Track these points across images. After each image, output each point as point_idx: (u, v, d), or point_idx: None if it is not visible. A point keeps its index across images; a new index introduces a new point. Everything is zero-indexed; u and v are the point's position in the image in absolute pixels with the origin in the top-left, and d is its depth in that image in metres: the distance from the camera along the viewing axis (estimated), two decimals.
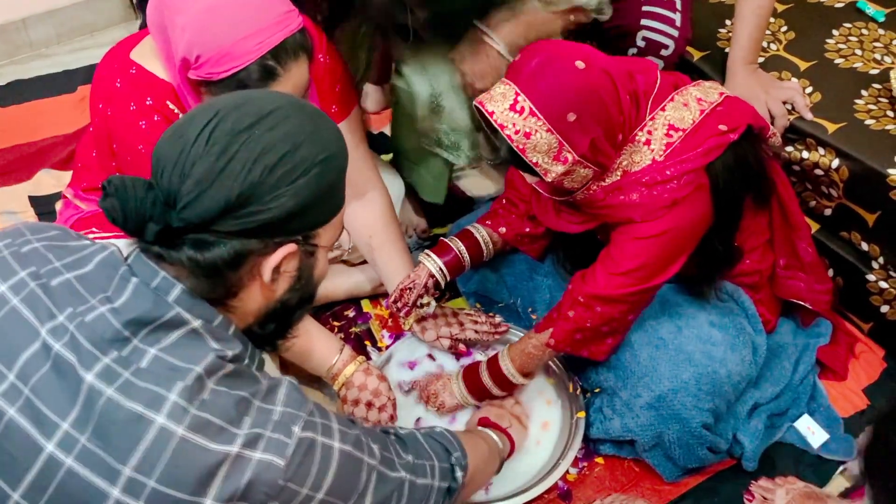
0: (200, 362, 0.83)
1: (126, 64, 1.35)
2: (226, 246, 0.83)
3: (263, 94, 0.90)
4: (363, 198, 1.64)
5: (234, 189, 0.81)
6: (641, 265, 1.31)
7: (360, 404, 1.50)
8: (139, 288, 0.84)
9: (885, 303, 1.62)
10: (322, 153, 0.87)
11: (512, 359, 1.46)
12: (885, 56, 1.75)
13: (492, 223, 1.57)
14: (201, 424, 0.80)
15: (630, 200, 1.30)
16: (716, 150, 1.29)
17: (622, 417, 1.43)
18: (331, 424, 0.91)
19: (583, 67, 1.18)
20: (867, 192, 1.57)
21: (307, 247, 0.89)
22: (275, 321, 0.94)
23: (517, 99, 1.19)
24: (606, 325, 1.36)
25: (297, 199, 0.84)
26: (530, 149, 1.20)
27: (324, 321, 1.78)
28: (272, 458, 0.82)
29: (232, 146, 0.82)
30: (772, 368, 1.55)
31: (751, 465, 1.48)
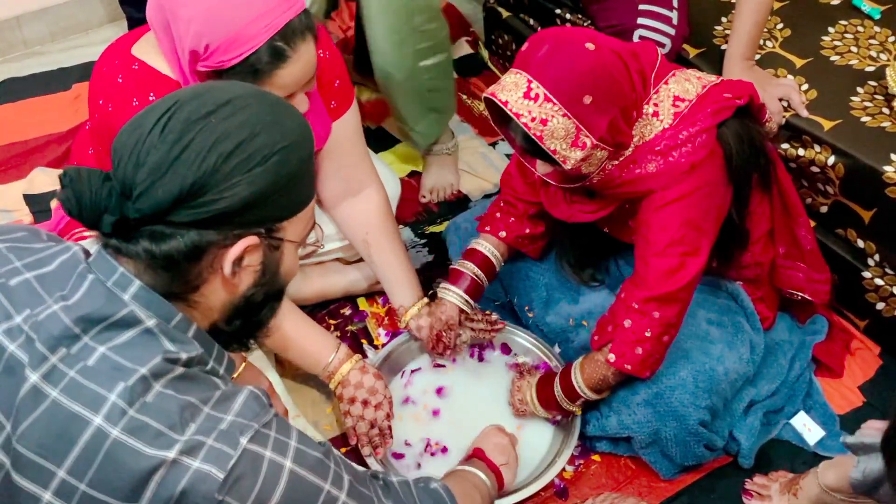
0: (147, 363, 0.80)
1: (128, 60, 1.35)
2: (182, 237, 0.81)
3: (226, 85, 0.88)
4: (359, 194, 1.63)
5: (188, 178, 0.79)
6: (675, 236, 1.27)
7: (356, 402, 1.50)
8: (93, 285, 0.82)
9: (880, 300, 1.62)
10: (281, 142, 0.84)
11: (585, 380, 1.39)
12: (880, 53, 1.75)
13: (491, 228, 1.55)
14: (138, 427, 0.77)
15: (647, 172, 1.28)
16: (725, 111, 1.27)
17: (619, 414, 1.43)
18: (287, 441, 0.86)
19: (593, 49, 1.17)
20: (863, 189, 1.57)
21: (271, 240, 0.87)
22: (241, 318, 0.91)
23: (530, 86, 1.17)
24: (666, 332, 1.31)
25: (253, 188, 0.81)
26: (548, 136, 1.18)
27: (320, 319, 1.77)
28: (210, 468, 0.78)
29: (187, 134, 0.80)
30: (768, 365, 1.55)
31: (747, 462, 1.48)
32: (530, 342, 1.64)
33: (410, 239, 1.96)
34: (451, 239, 1.77)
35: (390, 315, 1.79)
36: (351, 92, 1.56)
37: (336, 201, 1.64)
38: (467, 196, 2.09)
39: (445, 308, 1.53)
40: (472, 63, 2.52)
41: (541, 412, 1.49)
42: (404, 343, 1.66)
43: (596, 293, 1.63)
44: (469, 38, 2.60)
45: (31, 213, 2.03)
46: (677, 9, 1.68)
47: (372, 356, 1.67)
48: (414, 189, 2.11)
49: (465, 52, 2.56)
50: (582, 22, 2.01)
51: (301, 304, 1.73)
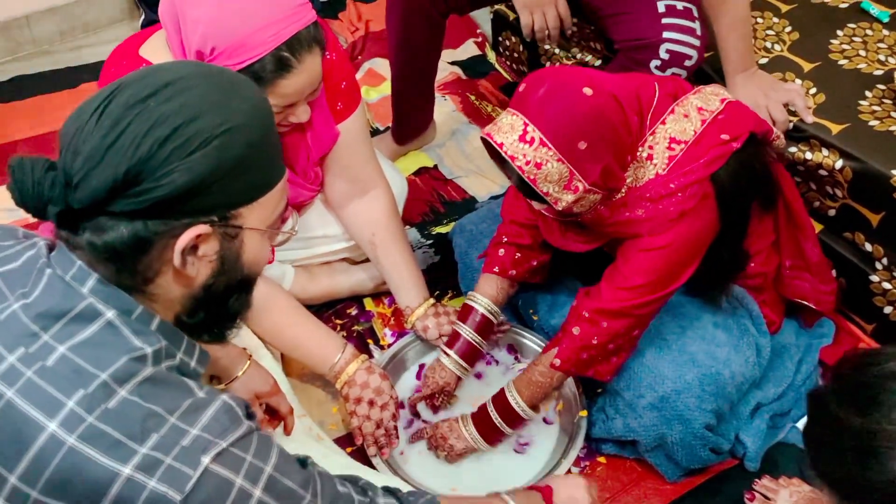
0: (109, 367, 0.77)
1: (136, 60, 1.35)
2: (124, 228, 0.77)
3: (174, 65, 0.84)
4: (366, 195, 1.64)
5: (122, 165, 0.75)
6: (648, 280, 1.30)
7: (363, 402, 1.50)
8: (51, 280, 0.80)
9: (888, 304, 1.62)
10: (224, 124, 0.78)
11: (519, 390, 1.43)
12: (889, 57, 1.75)
13: (500, 269, 1.52)
14: (95, 435, 0.74)
15: (636, 216, 1.30)
16: (719, 159, 1.28)
17: (625, 417, 1.43)
18: (262, 466, 0.80)
19: (591, 94, 1.17)
20: (871, 192, 1.56)
21: (226, 228, 0.82)
22: (203, 310, 0.86)
23: (526, 129, 1.17)
24: (612, 341, 1.34)
25: (192, 174, 0.77)
26: (541, 179, 1.19)
27: (326, 319, 1.78)
28: (167, 490, 0.74)
29: (123, 120, 0.76)
30: (775, 369, 1.54)
31: (753, 465, 1.48)
32: (536, 343, 1.64)
33: (417, 239, 1.96)
34: (456, 240, 1.77)
35: (396, 315, 1.79)
36: (357, 93, 1.56)
37: (343, 202, 1.64)
38: (474, 197, 2.09)
39: (445, 374, 1.53)
40: (480, 64, 2.53)
41: (483, 444, 1.46)
42: (410, 343, 1.67)
43: None
44: (477, 39, 2.60)
45: None
46: (699, 18, 1.66)
47: (378, 356, 1.68)
48: (421, 189, 2.11)
49: (473, 54, 2.56)
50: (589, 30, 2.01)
51: (307, 304, 1.73)
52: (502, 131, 1.20)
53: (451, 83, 2.45)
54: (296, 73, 1.26)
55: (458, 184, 2.13)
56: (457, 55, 2.56)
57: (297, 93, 1.30)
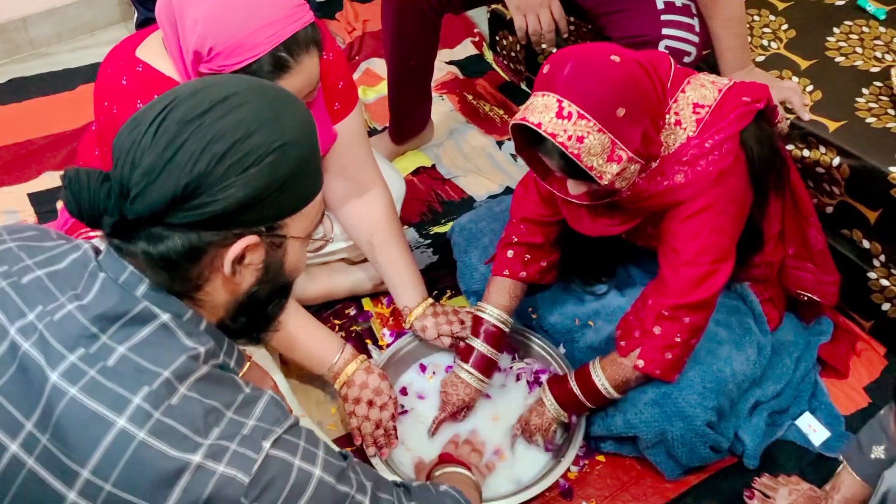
0: (170, 365, 0.80)
1: (132, 62, 1.35)
2: (179, 238, 0.80)
3: (226, 80, 0.86)
4: (364, 195, 1.64)
5: (181, 180, 0.78)
6: (703, 244, 1.27)
7: (362, 403, 1.50)
8: (106, 283, 0.83)
9: (886, 300, 1.62)
10: (278, 140, 0.82)
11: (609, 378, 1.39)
12: (885, 54, 1.75)
13: (510, 272, 1.51)
14: (164, 430, 0.78)
15: (675, 183, 1.28)
16: (747, 115, 1.27)
17: (625, 414, 1.43)
18: (316, 451, 0.87)
19: (619, 61, 1.16)
20: (868, 189, 1.57)
21: (273, 238, 0.85)
22: (246, 315, 0.91)
23: (562, 105, 1.15)
24: (694, 336, 1.32)
25: (248, 189, 0.80)
26: (585, 153, 1.16)
27: (325, 320, 1.78)
28: (235, 473, 0.79)
29: (181, 135, 0.79)
30: (774, 366, 1.55)
31: (752, 462, 1.48)
32: (535, 342, 1.64)
33: (415, 239, 1.96)
34: (455, 239, 1.77)
35: (395, 315, 1.79)
36: (354, 93, 1.56)
37: (341, 202, 1.64)
38: (472, 196, 2.09)
39: (468, 390, 1.51)
40: (477, 64, 2.53)
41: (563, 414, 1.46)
42: (409, 343, 1.67)
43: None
44: (474, 38, 2.60)
45: (35, 214, 2.04)
46: (697, 15, 1.66)
47: (377, 356, 1.68)
48: (419, 189, 2.11)
49: (470, 53, 2.57)
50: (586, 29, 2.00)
51: (306, 305, 1.73)
52: (536, 111, 1.17)
53: (449, 83, 2.45)
54: (293, 73, 1.26)
55: (456, 183, 2.13)
56: (454, 55, 2.56)
57: (295, 93, 1.30)
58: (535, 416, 1.47)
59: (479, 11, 2.56)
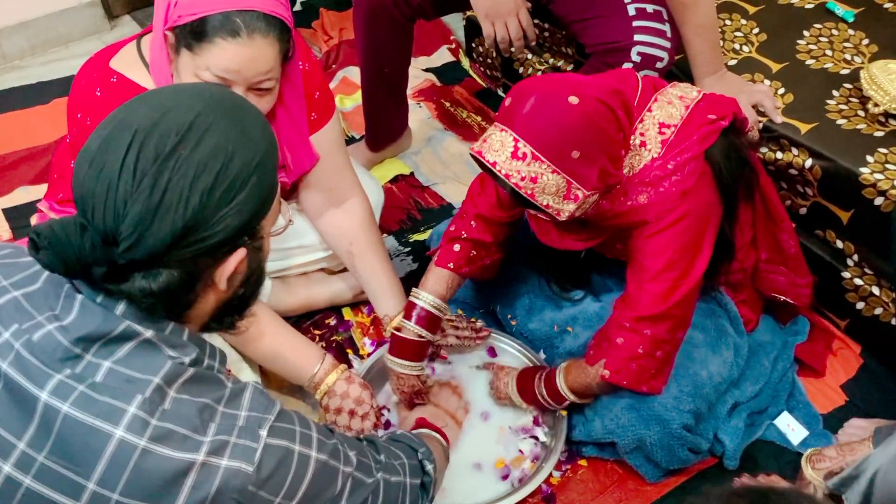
0: (159, 371, 0.81)
1: (106, 73, 1.34)
2: (176, 272, 0.80)
3: (178, 99, 0.82)
4: (342, 205, 1.64)
5: (178, 223, 0.78)
6: (668, 261, 1.29)
7: (343, 413, 1.50)
8: (86, 305, 0.82)
9: (860, 299, 1.64)
10: (255, 157, 0.83)
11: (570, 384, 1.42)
12: (854, 56, 1.77)
13: (454, 266, 1.50)
14: (164, 434, 0.79)
15: (638, 203, 1.29)
16: (711, 135, 1.29)
17: (603, 419, 1.43)
18: (310, 433, 0.91)
19: (577, 102, 1.16)
20: (840, 190, 1.59)
21: (255, 242, 0.88)
22: (231, 313, 0.93)
23: (517, 145, 1.16)
24: (658, 348, 1.34)
25: (241, 215, 0.82)
26: (539, 192, 1.18)
27: (305, 330, 1.77)
28: (240, 464, 0.82)
29: (162, 175, 0.77)
30: (751, 367, 1.56)
31: (732, 463, 1.49)
32: (515, 348, 1.64)
33: (394, 247, 1.96)
34: (434, 247, 1.77)
35: (376, 324, 1.79)
36: (331, 103, 1.56)
37: (319, 212, 1.64)
38: (451, 204, 2.10)
39: (409, 381, 1.52)
40: (454, 71, 2.53)
41: (520, 402, 1.51)
42: None
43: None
44: (451, 45, 2.61)
45: (10, 230, 2.02)
46: (668, 21, 1.68)
47: (357, 366, 1.67)
48: (397, 197, 2.11)
49: (447, 60, 2.57)
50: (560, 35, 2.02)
51: (286, 315, 1.72)
52: (493, 149, 1.19)
53: (426, 90, 2.45)
54: (240, 43, 1.20)
55: (434, 191, 2.14)
56: (431, 62, 2.57)
57: (235, 67, 1.22)
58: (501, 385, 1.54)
59: (454, 18, 2.57)
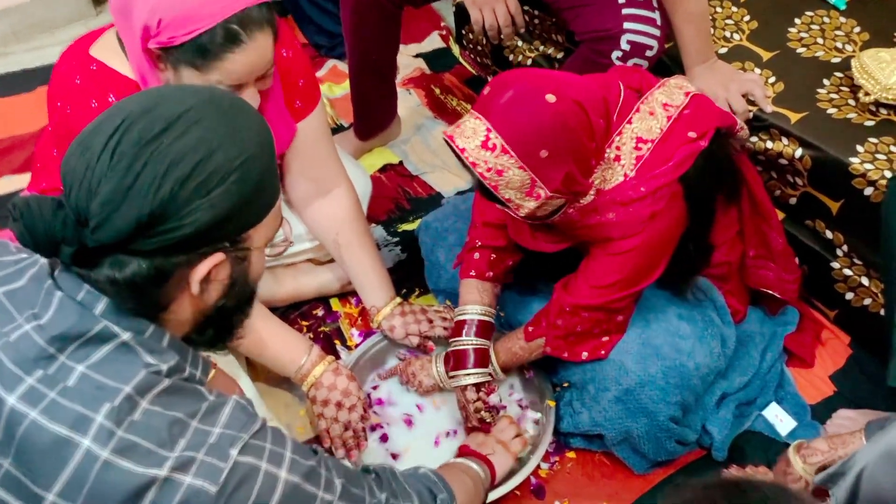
0: (131, 381, 0.79)
1: (86, 60, 1.32)
2: (145, 263, 0.78)
3: (176, 94, 0.83)
4: (328, 195, 1.62)
5: (144, 208, 0.76)
6: (622, 278, 1.32)
7: (330, 405, 1.49)
8: (64, 302, 0.80)
9: (849, 290, 1.64)
10: (240, 156, 0.80)
11: (497, 353, 1.47)
12: (846, 44, 1.76)
13: (476, 273, 1.51)
14: (128, 447, 0.77)
15: (607, 220, 1.30)
16: (687, 159, 1.28)
17: (590, 411, 1.43)
18: (283, 452, 0.86)
19: (554, 101, 1.16)
20: (830, 180, 1.58)
21: (238, 252, 0.84)
22: (212, 326, 0.90)
23: (489, 136, 1.17)
24: (596, 326, 1.37)
25: (214, 210, 0.78)
26: (503, 185, 1.19)
27: (292, 321, 1.76)
28: (202, 483, 0.78)
29: (139, 159, 0.76)
30: (740, 358, 1.56)
31: (720, 454, 1.49)
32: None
33: (383, 237, 1.95)
34: (422, 238, 1.76)
35: (363, 315, 1.78)
36: (316, 91, 1.54)
37: (305, 202, 1.62)
38: (440, 193, 2.08)
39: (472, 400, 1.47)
40: (445, 58, 2.51)
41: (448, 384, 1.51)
42: (378, 344, 1.65)
43: None
44: (441, 32, 2.58)
45: None
46: (658, 8, 1.66)
47: (345, 357, 1.66)
48: (386, 186, 2.09)
49: (437, 47, 2.55)
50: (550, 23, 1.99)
51: (273, 306, 1.72)
52: (464, 135, 1.19)
53: (417, 78, 2.43)
54: (246, 48, 1.21)
55: (424, 180, 2.12)
56: (422, 48, 2.54)
57: (246, 72, 1.24)
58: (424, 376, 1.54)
59: (444, 5, 2.54)
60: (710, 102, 1.39)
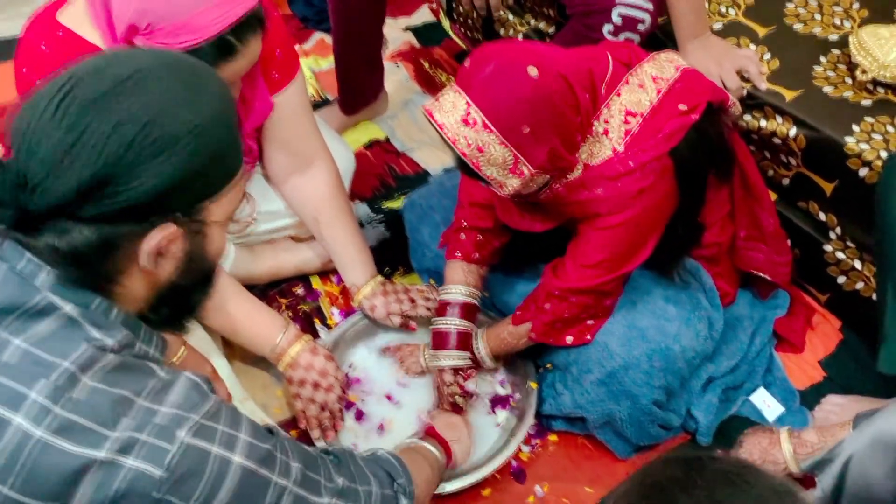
0: (71, 356, 0.75)
1: (53, 26, 1.27)
2: (89, 231, 0.74)
3: (133, 55, 0.79)
4: (308, 170, 1.57)
5: (86, 171, 0.71)
6: (611, 255, 1.29)
7: (306, 385, 1.45)
8: (6, 274, 0.76)
9: (841, 273, 1.60)
10: (194, 121, 0.76)
11: (487, 341, 1.44)
12: (844, 21, 1.71)
13: (462, 254, 1.47)
14: (65, 426, 0.72)
15: (595, 195, 1.26)
16: (678, 132, 1.24)
17: (573, 393, 1.40)
18: (237, 435, 0.82)
19: (536, 75, 1.11)
20: (825, 161, 1.53)
21: (193, 225, 0.80)
22: (168, 305, 0.85)
23: (469, 111, 1.11)
24: (584, 312, 1.34)
25: (162, 177, 0.74)
26: (484, 163, 1.14)
27: (271, 298, 1.72)
28: (146, 466, 0.74)
29: (84, 118, 0.72)
30: (728, 341, 1.52)
31: (705, 439, 1.46)
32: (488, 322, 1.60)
33: (367, 214, 1.91)
34: (407, 216, 1.71)
35: (345, 294, 1.73)
36: (295, 62, 1.49)
37: (283, 177, 1.58)
38: (426, 171, 2.03)
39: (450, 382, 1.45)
40: (434, 31, 2.46)
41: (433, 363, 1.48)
42: (357, 323, 1.62)
43: None
44: (431, 5, 2.52)
45: None
46: None
47: (325, 336, 1.63)
48: (371, 163, 2.05)
49: (427, 20, 2.49)
50: None
51: (252, 283, 1.68)
52: (444, 110, 1.13)
53: (405, 52, 2.37)
54: (240, 56, 1.19)
55: (410, 157, 2.07)
56: (411, 21, 2.49)
57: (236, 74, 1.24)
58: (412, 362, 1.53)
59: None
60: (702, 76, 1.35)
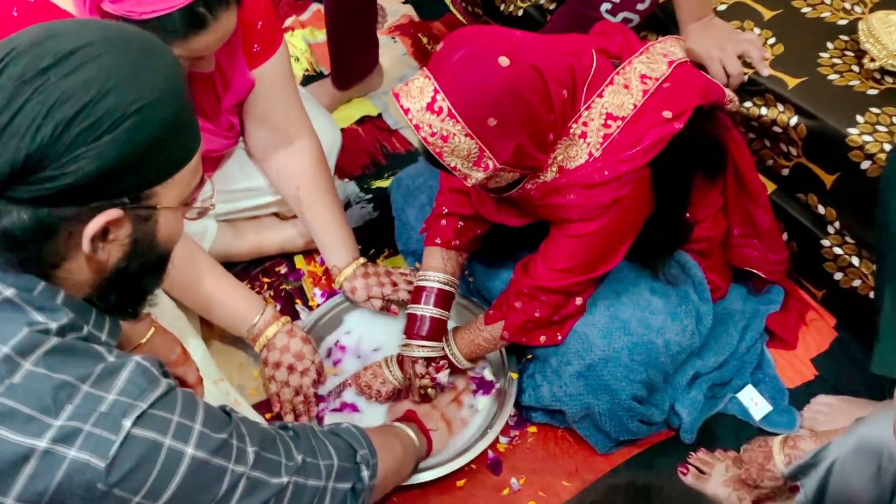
0: (10, 340, 0.72)
1: None
2: (25, 214, 0.70)
3: (77, 27, 0.75)
4: (290, 146, 1.53)
5: (20, 151, 0.68)
6: (581, 262, 1.26)
7: (282, 367, 1.43)
8: None
9: (838, 269, 1.54)
10: (138, 101, 0.72)
11: (460, 348, 1.40)
12: (855, 5, 1.63)
13: (442, 241, 1.43)
14: (4, 413, 0.70)
15: (567, 201, 1.22)
16: (658, 143, 1.18)
17: (551, 385, 1.36)
18: (191, 425, 0.79)
19: (507, 65, 1.05)
20: (826, 152, 1.47)
21: (139, 210, 0.76)
22: (116, 292, 0.82)
23: (435, 97, 1.06)
24: (555, 312, 1.31)
25: (102, 159, 0.70)
26: (447, 152, 1.09)
27: (253, 277, 1.69)
28: (89, 457, 0.71)
29: (19, 96, 0.69)
30: (717, 336, 1.48)
31: (689, 437, 1.42)
32: (470, 308, 1.56)
33: (355, 193, 1.87)
34: (394, 195, 1.67)
35: (328, 275, 1.69)
36: (278, 34, 1.44)
37: (265, 153, 1.53)
38: (418, 150, 1.98)
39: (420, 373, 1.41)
40: (435, 5, 2.39)
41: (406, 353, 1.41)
42: (337, 306, 1.59)
43: None
44: None
45: None
46: None
47: (305, 317, 1.59)
48: (362, 140, 2.00)
49: None
50: None
51: (233, 261, 1.65)
52: (410, 95, 1.08)
53: (404, 25, 2.31)
54: (211, 30, 1.15)
55: (402, 134, 2.02)
56: None
57: (207, 48, 1.20)
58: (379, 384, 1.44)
59: None
60: (695, 74, 1.29)
